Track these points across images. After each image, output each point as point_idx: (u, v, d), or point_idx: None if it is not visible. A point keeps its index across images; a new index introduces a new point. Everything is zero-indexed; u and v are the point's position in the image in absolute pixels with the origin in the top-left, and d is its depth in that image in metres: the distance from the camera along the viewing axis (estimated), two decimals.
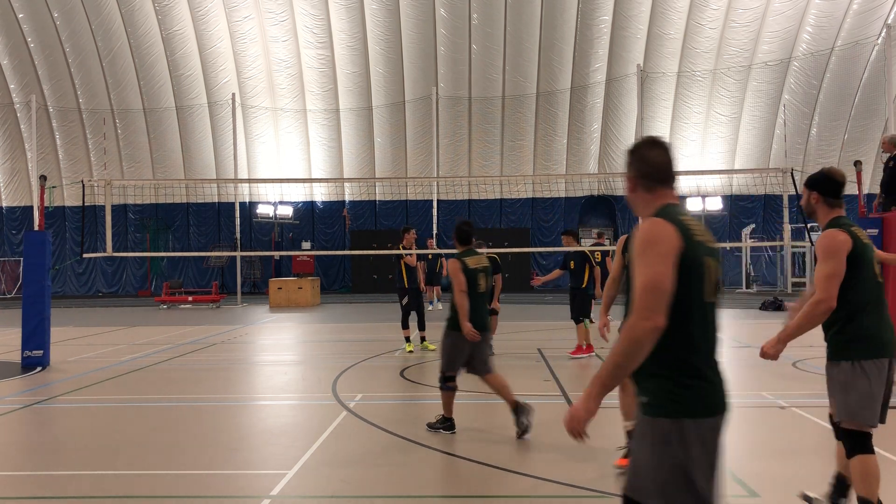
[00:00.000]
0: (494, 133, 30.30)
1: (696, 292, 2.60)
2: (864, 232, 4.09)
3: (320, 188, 31.63)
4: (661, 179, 2.79)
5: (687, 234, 2.60)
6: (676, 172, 2.84)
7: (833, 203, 4.07)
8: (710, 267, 2.65)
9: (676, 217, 2.66)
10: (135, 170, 31.08)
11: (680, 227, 2.61)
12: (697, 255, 2.61)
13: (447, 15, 28.42)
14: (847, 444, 4.00)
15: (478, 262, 6.63)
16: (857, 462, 3.93)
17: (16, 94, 30.38)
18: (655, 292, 2.51)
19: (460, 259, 6.59)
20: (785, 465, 5.44)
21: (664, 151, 2.82)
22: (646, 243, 2.59)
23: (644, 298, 2.51)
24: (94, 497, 5.00)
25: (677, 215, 2.68)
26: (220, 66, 29.81)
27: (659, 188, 2.78)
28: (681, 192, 30.06)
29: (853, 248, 3.90)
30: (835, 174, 4.09)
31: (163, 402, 8.30)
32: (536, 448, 6.05)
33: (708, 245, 2.69)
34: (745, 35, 28.08)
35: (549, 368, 10.07)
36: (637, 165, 2.82)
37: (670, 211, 2.70)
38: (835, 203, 4.07)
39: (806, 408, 7.08)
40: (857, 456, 3.93)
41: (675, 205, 2.75)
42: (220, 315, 20.57)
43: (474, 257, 6.67)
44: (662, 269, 2.53)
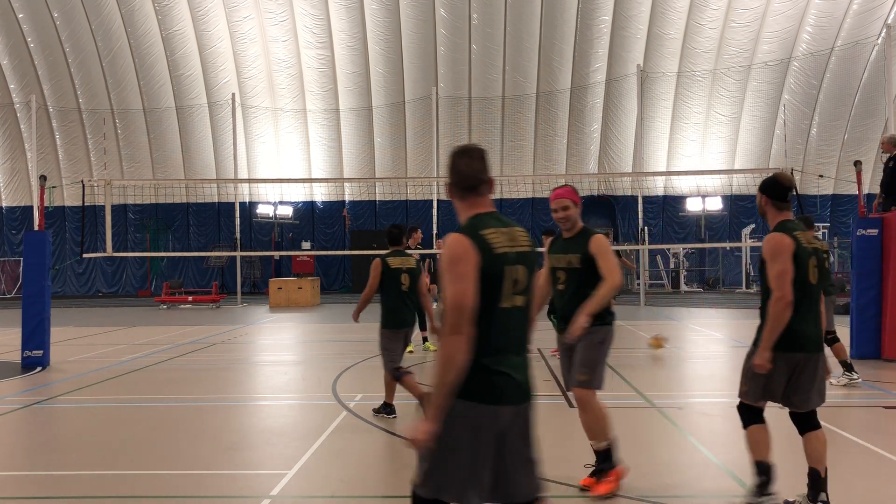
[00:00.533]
0: (494, 133, 30.29)
1: (492, 301, 2.78)
2: (808, 235, 4.45)
3: (320, 188, 31.63)
4: (469, 188, 2.93)
5: (486, 248, 2.77)
6: (489, 180, 2.95)
7: (781, 206, 4.44)
8: (511, 275, 2.82)
9: (477, 231, 2.81)
10: (135, 170, 31.08)
11: (478, 242, 2.77)
12: (494, 267, 2.78)
13: (447, 15, 28.42)
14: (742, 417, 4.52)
15: (402, 262, 7.08)
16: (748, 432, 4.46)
17: (16, 94, 30.38)
18: (459, 310, 2.69)
19: (383, 259, 7.07)
20: (784, 465, 5.43)
21: (473, 160, 2.93)
22: (449, 261, 2.75)
23: (450, 316, 2.69)
24: (94, 497, 5.00)
25: (481, 228, 2.83)
26: (220, 66, 29.81)
27: (469, 196, 2.93)
28: (681, 192, 30.14)
29: (794, 251, 4.29)
30: (782, 179, 4.45)
31: (163, 402, 8.30)
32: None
33: (515, 252, 2.84)
34: (745, 35, 28.08)
35: (548, 368, 10.06)
36: (450, 174, 2.96)
37: (476, 223, 2.85)
38: (782, 206, 4.44)
39: None
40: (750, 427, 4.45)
41: (484, 214, 2.90)
42: (220, 315, 20.57)
43: (399, 258, 7.12)
44: (463, 287, 2.70)
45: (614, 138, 30.06)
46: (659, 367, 10.47)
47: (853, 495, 4.80)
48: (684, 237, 30.61)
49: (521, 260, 2.88)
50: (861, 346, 10.55)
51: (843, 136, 29.49)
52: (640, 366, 10.38)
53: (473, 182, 2.94)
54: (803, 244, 4.33)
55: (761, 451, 4.41)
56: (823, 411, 5.75)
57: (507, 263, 2.81)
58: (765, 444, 4.42)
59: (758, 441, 4.41)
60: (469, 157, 2.95)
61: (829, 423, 6.49)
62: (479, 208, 2.93)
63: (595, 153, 30.37)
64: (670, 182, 29.93)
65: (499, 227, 2.87)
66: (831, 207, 30.22)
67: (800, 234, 4.35)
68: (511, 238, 2.88)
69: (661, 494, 4.86)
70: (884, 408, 7.49)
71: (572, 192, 5.07)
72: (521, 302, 2.88)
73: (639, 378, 9.28)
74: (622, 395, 8.31)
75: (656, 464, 5.58)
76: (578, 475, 5.22)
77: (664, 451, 5.99)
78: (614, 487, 4.80)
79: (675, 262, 29.90)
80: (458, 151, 2.99)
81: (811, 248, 4.38)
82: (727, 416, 7.29)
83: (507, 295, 2.82)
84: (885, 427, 6.72)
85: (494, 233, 2.84)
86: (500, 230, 2.86)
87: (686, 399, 8.18)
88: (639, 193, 24.30)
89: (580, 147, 30.20)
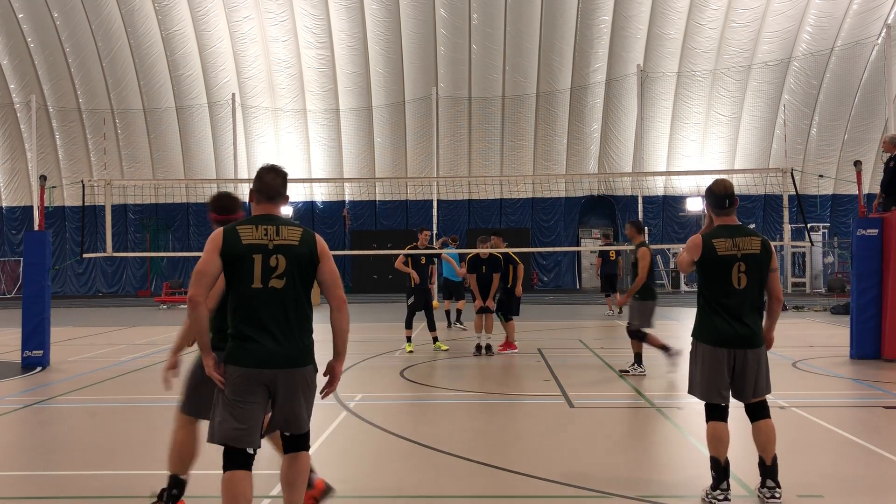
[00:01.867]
0: (494, 133, 30.29)
1: (241, 282, 3.69)
2: (726, 243, 4.67)
3: (320, 188, 31.62)
4: (262, 195, 3.86)
5: (232, 239, 3.71)
6: (277, 192, 3.86)
7: (719, 212, 4.79)
8: (256, 260, 3.66)
9: (234, 225, 3.78)
10: (135, 170, 31.08)
11: (227, 232, 3.74)
12: (237, 252, 3.68)
13: (447, 15, 28.42)
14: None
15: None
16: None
17: (16, 94, 30.37)
18: (196, 274, 3.67)
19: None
20: (785, 464, 5.44)
21: (273, 175, 3.88)
22: (207, 242, 3.77)
23: (192, 278, 3.69)
24: (94, 497, 5.00)
25: (240, 224, 3.78)
26: (220, 66, 29.81)
27: (262, 202, 3.86)
28: (681, 192, 30.14)
29: (702, 255, 4.68)
30: (715, 187, 4.81)
31: (163, 402, 8.29)
32: (536, 448, 6.05)
33: (259, 243, 3.69)
34: (745, 35, 28.07)
35: (549, 368, 10.07)
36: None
37: (242, 221, 3.82)
38: (720, 212, 4.78)
39: (806, 408, 7.08)
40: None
41: (256, 216, 3.82)
42: None
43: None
44: (205, 260, 3.68)
45: (614, 138, 30.05)
46: (659, 367, 10.46)
47: (853, 495, 4.80)
48: (684, 237, 30.56)
49: (277, 250, 3.73)
50: (861, 347, 10.53)
51: (843, 136, 29.49)
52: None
53: (262, 194, 3.88)
54: (719, 251, 4.62)
55: (718, 449, 4.66)
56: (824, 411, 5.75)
57: (254, 252, 3.70)
58: (722, 441, 4.67)
59: (714, 437, 4.69)
60: (271, 173, 3.90)
61: (829, 423, 6.50)
62: (260, 211, 3.89)
63: (595, 153, 30.37)
64: (670, 182, 29.91)
65: (255, 226, 3.78)
66: (831, 207, 30.22)
67: (718, 241, 4.64)
68: (268, 233, 3.77)
69: (661, 494, 4.86)
70: (884, 408, 7.49)
71: None
72: (272, 283, 3.70)
73: (639, 378, 9.28)
74: (622, 395, 8.31)
75: (656, 464, 5.58)
76: (580, 475, 5.23)
77: (664, 451, 5.99)
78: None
79: (675, 263, 29.90)
80: (262, 168, 3.95)
81: (739, 253, 4.61)
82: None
83: (258, 278, 3.69)
84: (885, 427, 6.72)
85: (251, 227, 3.77)
86: (258, 227, 3.77)
87: (686, 399, 8.17)
88: (639, 193, 24.29)
89: (580, 147, 30.20)
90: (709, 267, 4.65)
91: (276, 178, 3.84)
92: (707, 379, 4.64)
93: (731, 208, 4.75)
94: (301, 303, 3.74)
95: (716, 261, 4.62)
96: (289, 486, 3.86)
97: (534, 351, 11.80)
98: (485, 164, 30.46)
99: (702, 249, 4.66)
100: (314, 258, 3.77)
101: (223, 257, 3.68)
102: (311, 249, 3.76)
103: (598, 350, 11.99)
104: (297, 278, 3.71)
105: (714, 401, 4.66)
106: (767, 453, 4.63)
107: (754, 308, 4.68)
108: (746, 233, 4.71)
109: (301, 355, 3.73)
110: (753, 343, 4.64)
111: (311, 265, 3.76)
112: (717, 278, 4.63)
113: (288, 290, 3.68)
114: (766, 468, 4.63)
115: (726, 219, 4.75)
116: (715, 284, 4.64)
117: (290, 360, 3.66)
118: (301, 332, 3.74)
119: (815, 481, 5.07)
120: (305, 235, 3.79)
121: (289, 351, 3.67)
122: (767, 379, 4.71)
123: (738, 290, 4.61)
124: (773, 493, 4.57)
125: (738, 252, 4.61)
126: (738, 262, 4.59)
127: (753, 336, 4.65)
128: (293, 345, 3.70)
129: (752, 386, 4.63)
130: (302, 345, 3.74)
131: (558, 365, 10.40)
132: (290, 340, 3.69)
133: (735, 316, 4.61)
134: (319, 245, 3.82)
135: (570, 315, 18.98)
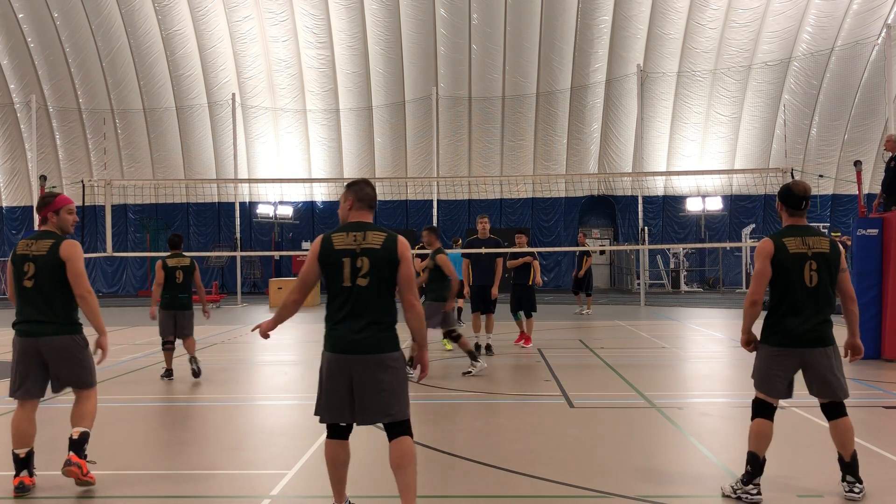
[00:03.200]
0: (494, 133, 30.29)
1: (333, 281, 4.19)
2: (797, 241, 4.77)
3: (320, 188, 31.62)
4: (362, 203, 4.36)
5: (328, 246, 4.20)
6: (374, 200, 4.40)
7: (792, 213, 4.88)
8: (345, 263, 4.15)
9: (330, 233, 4.26)
10: (135, 170, 31.09)
11: (324, 240, 4.24)
12: (332, 258, 4.18)
13: (447, 15, 28.42)
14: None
15: (177, 262, 9.66)
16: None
17: (16, 94, 30.37)
18: (298, 280, 4.33)
19: (163, 259, 9.65)
20: (785, 464, 5.44)
21: (370, 188, 4.41)
22: (310, 249, 4.33)
23: (296, 283, 4.36)
24: (93, 497, 5.00)
25: (335, 231, 4.27)
26: (220, 66, 29.81)
27: (360, 209, 4.35)
28: (681, 192, 30.16)
29: (773, 255, 4.78)
30: (794, 188, 4.88)
31: (163, 402, 8.30)
32: (536, 448, 6.05)
33: (348, 248, 4.17)
34: (745, 35, 28.07)
35: (549, 368, 10.07)
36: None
37: (337, 228, 4.31)
38: (794, 213, 4.87)
39: (806, 408, 7.08)
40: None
41: (349, 223, 4.30)
42: (220, 315, 20.57)
43: (175, 259, 9.69)
44: (306, 266, 4.27)
45: (614, 138, 30.05)
46: (659, 367, 10.47)
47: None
48: (684, 237, 30.62)
49: (360, 253, 4.20)
50: None
51: (843, 136, 29.49)
52: (641, 366, 10.38)
53: (360, 201, 4.38)
54: (790, 250, 4.72)
55: (759, 444, 4.74)
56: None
57: (344, 256, 4.18)
58: (765, 437, 4.76)
59: (758, 434, 4.77)
60: (367, 186, 4.42)
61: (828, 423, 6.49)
62: (353, 217, 4.38)
63: (595, 153, 30.36)
64: (670, 182, 29.93)
65: (350, 232, 4.26)
66: (831, 207, 30.23)
67: (788, 240, 4.74)
68: (357, 238, 4.24)
69: (661, 494, 4.86)
70: (884, 408, 7.49)
71: None
72: (361, 281, 4.17)
73: (639, 378, 9.28)
74: (622, 395, 8.31)
75: (656, 464, 5.58)
76: (580, 475, 5.22)
77: (664, 451, 5.99)
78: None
79: (675, 262, 29.90)
80: (359, 181, 4.50)
81: (809, 252, 4.71)
82: (727, 416, 7.30)
83: (346, 276, 4.17)
84: (885, 427, 6.72)
85: (345, 233, 4.25)
86: (353, 233, 4.25)
87: (686, 399, 8.18)
88: (639, 193, 24.29)
89: (580, 147, 30.20)
90: (781, 266, 4.71)
91: (372, 190, 4.41)
92: (768, 375, 4.76)
93: (804, 210, 4.88)
94: (384, 298, 4.21)
95: (788, 259, 4.70)
96: (396, 470, 4.22)
97: (534, 351, 11.80)
98: (485, 164, 30.46)
99: (774, 249, 4.75)
100: (394, 260, 4.20)
101: (320, 262, 4.22)
102: (391, 253, 4.20)
103: (598, 350, 11.99)
104: (379, 277, 4.16)
105: (771, 396, 4.76)
106: (846, 450, 4.72)
107: (826, 306, 4.75)
108: (815, 233, 4.81)
109: (376, 344, 4.15)
110: (824, 341, 4.71)
111: (392, 266, 4.20)
112: (789, 277, 4.69)
113: (371, 288, 4.15)
114: (845, 464, 4.73)
115: (798, 220, 4.86)
116: (787, 283, 4.70)
117: (364, 348, 4.12)
118: (380, 325, 4.18)
119: (815, 481, 5.07)
120: (388, 240, 4.23)
121: (365, 341, 4.12)
122: (842, 380, 4.75)
123: (811, 287, 4.69)
124: (851, 487, 4.67)
125: (809, 251, 4.71)
126: (809, 261, 4.68)
127: (824, 335, 4.72)
128: (370, 334, 4.14)
129: (826, 384, 4.70)
130: (379, 335, 4.17)
131: (558, 365, 10.40)
132: (368, 331, 4.14)
133: (806, 314, 4.69)
134: (400, 249, 4.23)
135: (570, 315, 18.98)
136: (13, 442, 5.08)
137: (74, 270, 5.10)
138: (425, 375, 4.47)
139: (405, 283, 4.25)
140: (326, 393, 4.21)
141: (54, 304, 5.11)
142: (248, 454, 6.04)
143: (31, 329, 5.10)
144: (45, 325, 5.08)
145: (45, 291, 5.10)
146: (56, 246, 5.12)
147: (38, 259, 5.10)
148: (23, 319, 5.15)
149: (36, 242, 5.16)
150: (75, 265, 5.11)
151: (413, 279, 4.30)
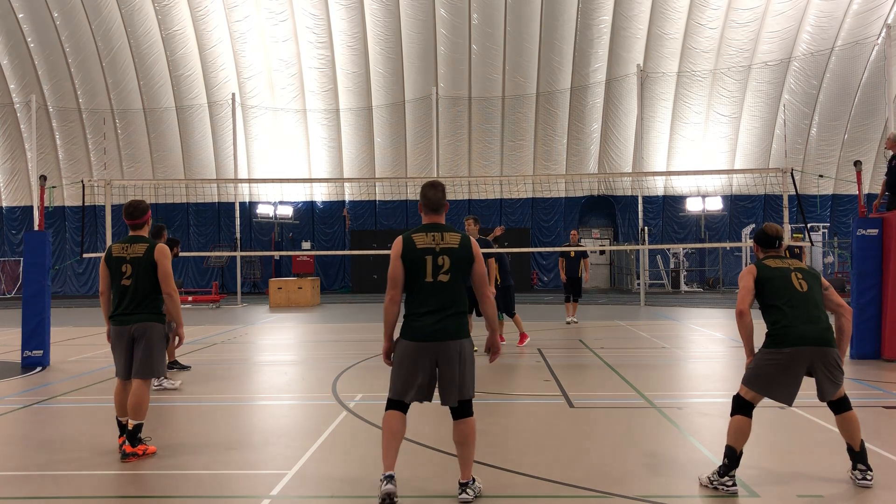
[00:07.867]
0: (494, 133, 30.30)
1: (416, 277, 4.65)
2: (777, 261, 5.14)
3: (320, 188, 31.63)
4: (427, 208, 4.86)
5: (409, 244, 4.69)
6: (439, 203, 4.85)
7: (766, 251, 5.26)
8: (427, 260, 4.64)
9: (409, 234, 4.77)
10: (135, 170, 31.09)
11: (405, 240, 4.73)
12: (414, 256, 4.65)
13: (447, 15, 28.43)
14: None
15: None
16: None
17: (16, 94, 30.38)
18: (390, 280, 4.70)
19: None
20: (785, 465, 5.44)
21: (434, 191, 4.89)
22: (391, 250, 4.78)
23: (388, 283, 4.72)
24: (94, 497, 5.00)
25: (413, 232, 4.77)
26: (220, 66, 29.81)
27: (428, 213, 4.86)
28: (681, 192, 30.17)
29: (757, 275, 5.13)
30: (768, 230, 5.26)
31: (162, 402, 8.30)
32: (536, 448, 6.05)
33: (429, 247, 4.67)
34: (745, 35, 28.08)
35: (549, 368, 10.07)
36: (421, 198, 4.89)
37: (415, 230, 4.79)
38: (768, 251, 5.25)
39: (806, 408, 7.07)
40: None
41: (425, 224, 4.82)
42: (220, 315, 20.57)
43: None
44: (393, 266, 4.71)
45: (614, 138, 30.06)
46: (659, 367, 10.47)
47: (854, 495, 4.80)
48: (684, 237, 30.62)
49: (439, 251, 4.70)
50: (861, 346, 10.54)
51: (843, 136, 29.50)
52: (640, 366, 10.38)
53: (428, 206, 4.87)
54: (773, 266, 5.11)
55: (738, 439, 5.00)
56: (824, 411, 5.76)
57: (426, 254, 4.67)
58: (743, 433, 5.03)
59: (738, 430, 5.05)
60: (433, 189, 4.89)
61: (829, 423, 6.49)
62: (427, 220, 4.88)
63: (595, 153, 30.37)
64: (670, 182, 29.94)
65: (427, 233, 4.77)
66: (831, 207, 30.23)
67: (768, 261, 5.16)
68: (435, 238, 4.74)
69: (661, 494, 4.86)
70: (884, 408, 7.49)
71: None
72: (442, 276, 4.67)
73: (639, 378, 9.28)
74: (622, 395, 8.31)
75: (656, 464, 5.58)
76: (580, 475, 5.22)
77: (664, 451, 5.99)
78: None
79: (675, 262, 29.90)
80: (426, 184, 4.92)
81: (792, 266, 5.11)
82: (727, 416, 7.28)
83: (429, 273, 4.67)
84: (885, 427, 6.72)
85: (424, 234, 4.76)
86: (430, 233, 4.76)
87: (686, 399, 8.18)
88: (639, 193, 24.29)
89: (580, 147, 30.20)
90: (769, 281, 5.02)
91: (437, 192, 4.88)
92: (764, 377, 4.96)
93: (779, 248, 5.28)
94: (460, 291, 4.71)
95: (773, 274, 5.04)
96: (459, 445, 4.76)
97: (534, 351, 11.80)
98: (485, 164, 30.46)
99: (756, 269, 5.12)
100: (470, 258, 4.73)
101: (403, 260, 4.67)
102: (468, 252, 4.73)
103: (598, 350, 11.99)
104: (457, 273, 4.68)
105: (761, 395, 4.99)
106: (855, 441, 4.96)
107: (821, 310, 5.00)
108: (793, 257, 5.12)
109: (457, 332, 4.65)
110: (826, 342, 4.89)
111: (468, 263, 4.74)
112: (780, 287, 4.99)
113: (452, 283, 4.66)
114: (855, 453, 4.96)
115: (775, 254, 5.26)
116: (779, 293, 4.98)
117: (448, 335, 4.62)
118: (458, 314, 4.68)
119: (815, 481, 5.07)
120: (463, 240, 4.76)
121: (447, 329, 4.63)
122: (840, 379, 4.98)
123: (803, 292, 4.98)
124: (864, 474, 4.90)
125: (790, 266, 5.10)
126: (794, 272, 5.04)
127: (825, 334, 4.91)
128: (452, 322, 4.64)
129: (830, 385, 4.91)
130: (458, 323, 4.67)
131: (558, 365, 10.40)
132: (451, 319, 4.65)
133: (805, 317, 4.91)
134: (474, 249, 4.76)
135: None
136: (116, 410, 6.10)
137: (164, 271, 5.98)
138: (497, 356, 4.93)
139: (479, 278, 4.78)
140: (409, 376, 4.64)
141: (146, 299, 5.95)
142: (248, 454, 6.03)
143: (125, 319, 5.93)
144: (136, 315, 5.92)
145: (139, 288, 5.94)
146: (151, 249, 6.01)
147: (135, 261, 5.97)
148: (120, 312, 5.96)
149: (131, 246, 6.03)
150: (165, 267, 5.99)
151: (486, 274, 4.82)
